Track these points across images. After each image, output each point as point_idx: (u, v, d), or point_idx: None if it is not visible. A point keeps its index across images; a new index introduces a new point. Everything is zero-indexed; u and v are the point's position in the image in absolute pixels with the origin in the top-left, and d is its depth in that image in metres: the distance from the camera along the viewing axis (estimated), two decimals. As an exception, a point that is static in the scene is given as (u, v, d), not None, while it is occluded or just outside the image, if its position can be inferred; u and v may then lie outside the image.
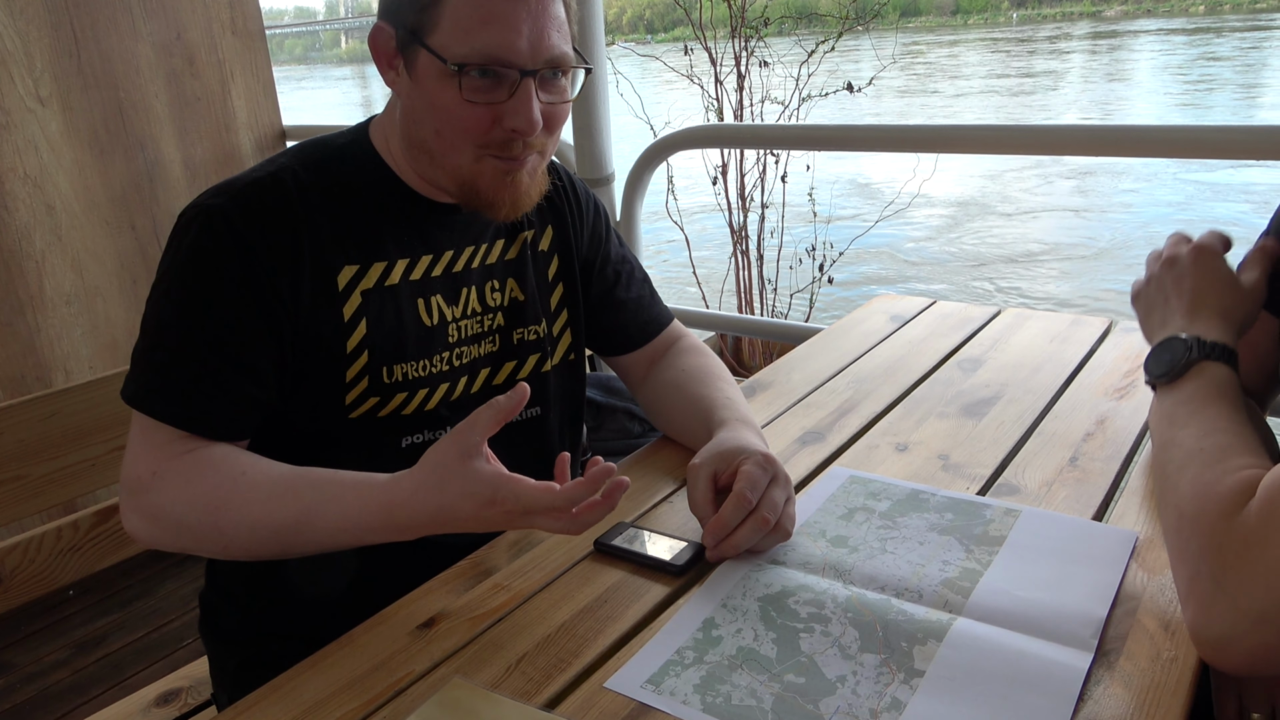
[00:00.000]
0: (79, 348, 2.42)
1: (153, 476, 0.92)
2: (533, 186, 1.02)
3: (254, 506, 0.89)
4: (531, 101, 0.94)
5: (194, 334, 0.94)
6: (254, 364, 0.95)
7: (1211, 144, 1.81)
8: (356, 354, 1.00)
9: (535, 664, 0.81)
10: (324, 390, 0.99)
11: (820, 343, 1.56)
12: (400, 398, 1.03)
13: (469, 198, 1.00)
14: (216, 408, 0.94)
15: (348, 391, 1.00)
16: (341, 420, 1.01)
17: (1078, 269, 7.00)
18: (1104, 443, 1.14)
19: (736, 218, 4.00)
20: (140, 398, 0.94)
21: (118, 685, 2.06)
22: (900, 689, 0.74)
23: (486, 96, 0.94)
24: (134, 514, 0.93)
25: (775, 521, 0.93)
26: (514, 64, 0.93)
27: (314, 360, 0.98)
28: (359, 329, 1.00)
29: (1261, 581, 0.68)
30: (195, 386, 0.93)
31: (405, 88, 0.98)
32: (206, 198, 0.97)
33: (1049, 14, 48.05)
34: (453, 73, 0.92)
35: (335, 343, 0.99)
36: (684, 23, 4.18)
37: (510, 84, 0.94)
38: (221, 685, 1.13)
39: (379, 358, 1.01)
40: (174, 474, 0.91)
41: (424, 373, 1.04)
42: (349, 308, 0.99)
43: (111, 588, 2.38)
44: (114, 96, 2.43)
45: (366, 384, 1.00)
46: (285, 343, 0.97)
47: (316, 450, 0.96)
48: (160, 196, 2.56)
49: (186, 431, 0.93)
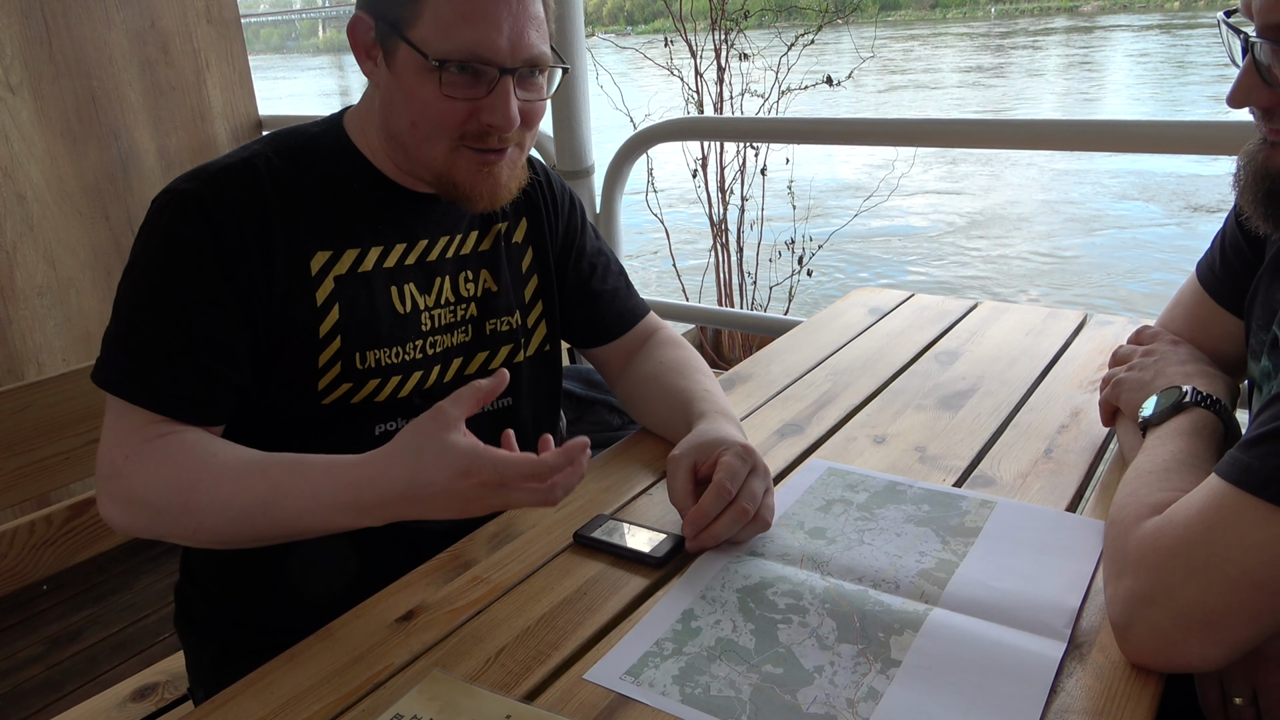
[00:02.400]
0: (52, 340, 2.39)
1: (125, 460, 0.91)
2: (511, 179, 1.02)
3: (224, 486, 0.89)
4: (510, 99, 0.95)
5: (166, 318, 0.93)
6: (227, 347, 0.95)
7: (1186, 139, 1.83)
8: (329, 339, 1.00)
9: (515, 656, 0.81)
10: (297, 376, 0.99)
11: (799, 335, 1.57)
12: (373, 384, 1.03)
13: (446, 189, 1.01)
14: (189, 391, 0.94)
15: (320, 377, 1.00)
16: (314, 406, 1.00)
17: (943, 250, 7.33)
18: (1078, 434, 1.16)
19: (716, 210, 4.01)
20: (113, 381, 0.93)
21: (93, 680, 2.04)
22: (877, 679, 0.75)
23: (465, 92, 0.95)
24: (109, 499, 0.93)
25: (754, 512, 0.93)
26: (494, 62, 0.94)
27: (287, 345, 0.98)
28: (332, 314, 1.00)
29: (1149, 576, 0.75)
30: (168, 370, 0.93)
31: (383, 79, 0.98)
32: (179, 183, 0.97)
33: (1026, 8, 48.36)
34: (433, 68, 0.93)
35: (308, 328, 0.99)
36: (664, 14, 4.17)
37: (489, 81, 0.95)
38: (198, 679, 1.13)
39: (352, 343, 1.01)
40: (146, 457, 0.91)
41: (397, 359, 1.04)
42: (322, 293, 0.99)
43: (86, 582, 2.36)
44: (86, 85, 2.40)
45: (339, 370, 1.00)
46: (258, 327, 0.97)
47: (290, 437, 0.96)
48: (134, 186, 2.53)
49: (160, 415, 0.93)
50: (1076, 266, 6.92)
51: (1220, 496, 0.73)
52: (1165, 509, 0.79)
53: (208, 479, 0.89)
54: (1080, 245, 7.44)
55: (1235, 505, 0.72)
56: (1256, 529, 0.70)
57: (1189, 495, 0.77)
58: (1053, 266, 6.94)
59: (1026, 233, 7.89)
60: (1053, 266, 6.94)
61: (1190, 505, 0.76)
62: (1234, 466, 0.74)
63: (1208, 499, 0.74)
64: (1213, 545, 0.72)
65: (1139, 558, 0.77)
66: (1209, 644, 0.72)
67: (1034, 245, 7.49)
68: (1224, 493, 0.73)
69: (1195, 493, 0.77)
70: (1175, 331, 1.11)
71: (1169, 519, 0.77)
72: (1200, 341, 1.08)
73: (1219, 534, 0.72)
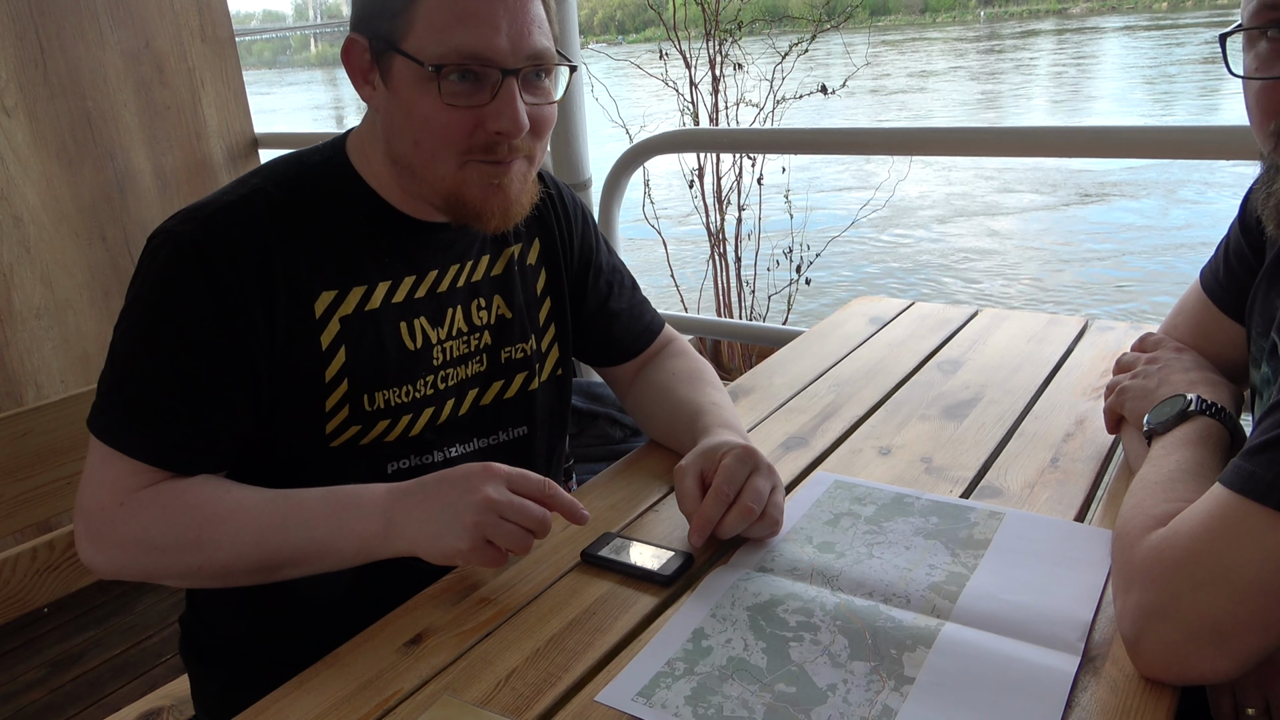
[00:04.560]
0: (50, 362, 2.38)
1: (119, 506, 0.89)
2: (523, 194, 0.98)
3: (238, 517, 0.89)
4: (516, 101, 0.91)
5: (165, 368, 0.91)
6: (228, 397, 0.93)
7: (1175, 144, 1.84)
8: (336, 383, 0.97)
9: (525, 679, 0.80)
10: (303, 420, 0.97)
11: (801, 346, 1.57)
12: (383, 425, 1.01)
13: (456, 210, 0.97)
14: (190, 443, 0.92)
15: (328, 421, 0.98)
16: (323, 449, 0.99)
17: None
18: (1084, 443, 1.16)
19: (714, 221, 4.01)
20: (111, 433, 0.91)
21: (95, 704, 2.02)
22: (891, 696, 0.75)
23: (468, 100, 0.91)
24: (93, 543, 0.91)
25: (761, 510, 0.92)
26: (494, 62, 0.90)
27: (291, 390, 0.96)
28: (338, 357, 0.97)
29: (1157, 589, 0.74)
30: (168, 423, 0.91)
31: (382, 101, 0.95)
32: (175, 223, 0.93)
33: (1015, 11, 48.59)
34: (430, 76, 0.89)
35: (313, 372, 0.96)
36: (655, 24, 4.18)
37: (492, 85, 0.91)
38: (204, 708, 1.12)
39: (359, 386, 0.98)
40: (146, 502, 0.90)
41: (407, 398, 1.02)
42: (327, 335, 0.96)
43: (88, 604, 2.35)
44: (82, 106, 2.40)
45: (347, 413, 0.98)
46: (260, 373, 0.94)
47: (298, 477, 0.95)
48: (131, 207, 2.53)
49: (158, 469, 0.91)
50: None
51: (1225, 505, 0.73)
52: (1171, 520, 0.78)
53: (223, 512, 0.89)
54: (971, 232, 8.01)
55: (1240, 514, 0.72)
56: (1263, 537, 0.70)
57: (1194, 505, 0.77)
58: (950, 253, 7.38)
59: (923, 222, 8.27)
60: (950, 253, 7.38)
61: (1195, 515, 0.76)
62: (1238, 475, 0.73)
63: (1212, 508, 0.74)
64: (1219, 555, 0.72)
65: (1146, 570, 0.76)
66: (1220, 655, 0.72)
67: (931, 235, 7.95)
68: (1229, 501, 0.73)
69: (1200, 503, 0.76)
70: (1179, 338, 1.11)
71: (1174, 530, 0.77)
72: (1204, 349, 1.08)
73: (1225, 543, 0.72)
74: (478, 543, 0.85)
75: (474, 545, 0.85)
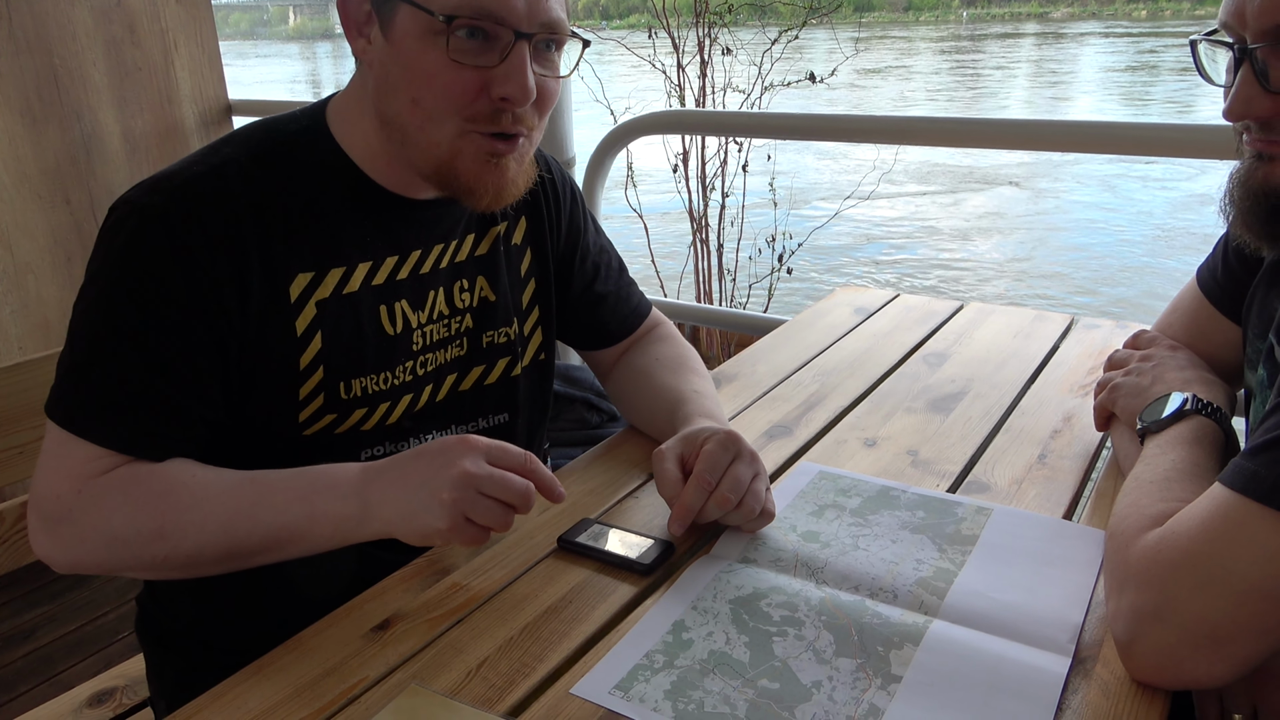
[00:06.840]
0: (8, 327, 2.30)
1: (78, 495, 0.84)
2: (520, 175, 0.92)
3: (203, 504, 0.84)
4: (526, 67, 0.85)
5: (130, 350, 0.84)
6: (197, 381, 0.87)
7: (1158, 141, 1.83)
8: (310, 370, 0.92)
9: (497, 669, 0.77)
10: (275, 408, 0.92)
11: (784, 335, 1.54)
12: (359, 413, 0.96)
13: (447, 182, 0.91)
14: (154, 428, 0.86)
15: (301, 409, 0.93)
16: (295, 438, 0.93)
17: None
18: (1071, 440, 1.14)
19: (697, 206, 3.98)
20: (72, 419, 0.85)
21: (48, 681, 1.97)
22: (878, 695, 0.72)
23: (475, 59, 0.85)
24: (50, 536, 0.85)
25: (740, 499, 0.89)
26: (508, 22, 0.84)
27: (263, 377, 0.90)
28: (314, 343, 0.92)
29: (1153, 590, 0.73)
30: (131, 407, 0.85)
31: (379, 55, 0.88)
32: (141, 194, 0.86)
33: (998, 13, 48.93)
34: (440, 28, 0.83)
35: (287, 358, 0.91)
36: (639, 9, 4.14)
37: (503, 47, 0.85)
38: (159, 690, 1.07)
39: (336, 373, 0.93)
40: (106, 488, 0.84)
41: (385, 385, 0.97)
42: (302, 320, 0.91)
43: (41, 579, 2.28)
44: (48, 63, 2.31)
45: (322, 401, 0.93)
46: (231, 357, 0.88)
47: (269, 464, 0.89)
48: (97, 170, 2.44)
49: (125, 455, 0.86)
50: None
51: (1226, 506, 0.71)
52: (1167, 520, 0.76)
53: (187, 498, 0.84)
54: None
55: (1242, 514, 0.70)
56: (1265, 538, 0.68)
57: (1192, 505, 0.75)
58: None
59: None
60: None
61: (1194, 515, 0.74)
62: (1240, 474, 0.71)
63: (1212, 508, 0.72)
64: (1219, 557, 0.70)
65: (1141, 571, 0.74)
66: (1216, 660, 0.70)
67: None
68: (1230, 502, 0.71)
69: (1199, 502, 0.74)
70: (1173, 337, 1.09)
71: (1172, 530, 0.74)
72: (1199, 348, 1.06)
73: (1225, 545, 0.70)
74: (456, 521, 0.80)
75: (452, 524, 0.80)
